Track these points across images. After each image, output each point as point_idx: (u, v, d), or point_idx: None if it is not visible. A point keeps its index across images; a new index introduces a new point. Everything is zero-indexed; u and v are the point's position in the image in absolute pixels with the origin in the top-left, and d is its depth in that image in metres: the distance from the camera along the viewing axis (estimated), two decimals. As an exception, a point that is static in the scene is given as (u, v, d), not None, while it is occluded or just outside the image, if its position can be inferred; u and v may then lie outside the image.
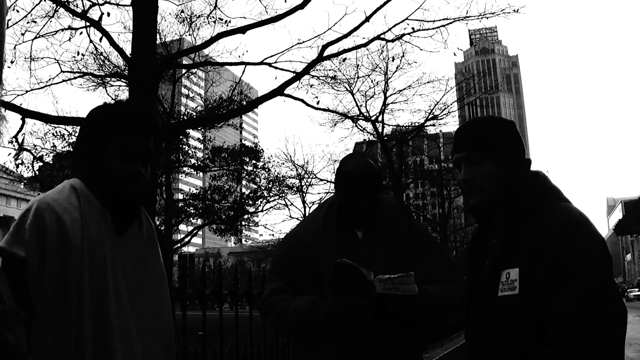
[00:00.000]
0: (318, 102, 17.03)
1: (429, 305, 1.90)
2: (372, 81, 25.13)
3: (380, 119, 24.23)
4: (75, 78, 15.13)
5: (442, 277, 2.02)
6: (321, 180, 27.59)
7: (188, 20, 18.82)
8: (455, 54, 27.70)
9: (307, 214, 2.33)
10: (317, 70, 14.23)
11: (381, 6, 12.55)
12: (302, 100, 13.77)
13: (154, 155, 1.57)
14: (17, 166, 16.36)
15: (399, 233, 2.04)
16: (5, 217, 56.39)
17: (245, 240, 55.46)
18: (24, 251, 1.32)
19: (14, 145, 14.34)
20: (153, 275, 1.56)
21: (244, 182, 28.21)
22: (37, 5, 11.83)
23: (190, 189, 28.47)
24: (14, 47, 12.96)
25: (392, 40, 14.26)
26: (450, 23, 14.07)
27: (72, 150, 18.91)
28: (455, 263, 2.15)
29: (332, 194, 2.22)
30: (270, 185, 26.74)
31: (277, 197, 27.09)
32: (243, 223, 28.91)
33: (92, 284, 1.38)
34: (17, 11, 15.80)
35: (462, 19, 14.69)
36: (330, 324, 1.88)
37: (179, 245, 26.35)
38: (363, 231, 2.03)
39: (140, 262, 1.53)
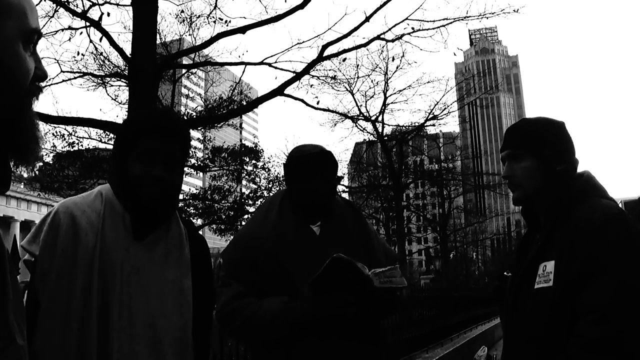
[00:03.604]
0: (318, 102, 17.08)
1: (400, 298, 1.93)
2: (372, 81, 25.26)
3: (380, 119, 24.26)
4: (75, 78, 15.12)
5: None
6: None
7: (188, 20, 18.81)
8: (455, 54, 27.80)
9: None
10: (317, 70, 14.23)
11: (381, 6, 12.57)
12: (302, 100, 13.79)
13: (181, 158, 1.58)
14: (17, 166, 16.34)
15: (353, 229, 2.02)
16: (5, 217, 56.34)
17: (245, 240, 55.27)
18: (38, 250, 1.43)
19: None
20: (171, 280, 1.53)
21: (244, 182, 28.20)
22: (37, 5, 11.79)
23: (190, 189, 28.46)
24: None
25: (392, 40, 14.30)
26: (450, 23, 14.10)
27: (72, 150, 18.93)
28: (399, 258, 2.18)
29: (278, 191, 2.14)
30: (270, 185, 26.70)
31: (277, 197, 27.05)
32: (243, 223, 28.90)
33: (99, 286, 1.41)
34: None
35: (462, 19, 14.72)
36: (308, 325, 1.81)
37: (179, 245, 26.28)
38: (320, 227, 1.99)
39: (158, 266, 1.51)
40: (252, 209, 27.18)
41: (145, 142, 1.52)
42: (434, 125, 25.13)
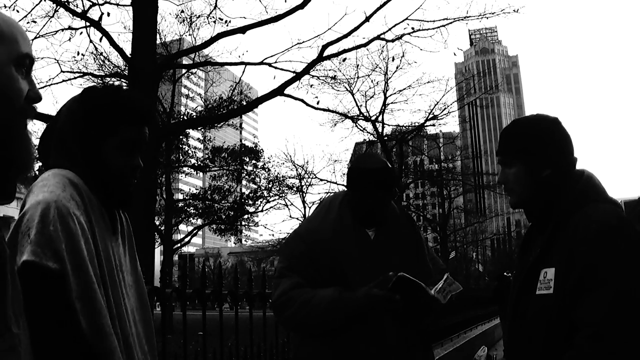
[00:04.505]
0: (318, 102, 17.07)
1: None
2: (372, 81, 25.31)
3: (380, 119, 24.27)
4: (75, 78, 15.09)
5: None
6: (321, 180, 27.60)
7: (188, 20, 18.84)
8: (455, 54, 27.83)
9: (308, 213, 2.32)
10: (317, 70, 14.24)
11: (381, 6, 12.57)
12: (302, 100, 13.79)
13: (147, 144, 1.51)
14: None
15: (405, 237, 2.11)
16: (5, 217, 56.27)
17: (245, 240, 55.46)
18: (56, 263, 1.16)
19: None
20: (139, 273, 1.52)
21: (244, 182, 28.21)
22: (37, 5, 11.81)
23: (190, 189, 28.46)
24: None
25: (392, 40, 14.30)
26: (450, 23, 14.11)
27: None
28: (445, 268, 2.25)
29: (337, 192, 2.25)
30: (270, 185, 26.73)
31: (277, 197, 27.09)
32: (243, 223, 28.90)
33: (107, 287, 1.32)
34: (17, 11, 15.83)
35: (462, 19, 14.73)
36: (360, 312, 1.88)
37: (179, 245, 26.35)
38: (374, 232, 2.07)
39: (129, 261, 1.49)
40: (252, 209, 27.23)
41: (129, 129, 1.40)
42: (434, 125, 25.16)
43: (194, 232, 25.82)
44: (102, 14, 11.18)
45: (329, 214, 2.09)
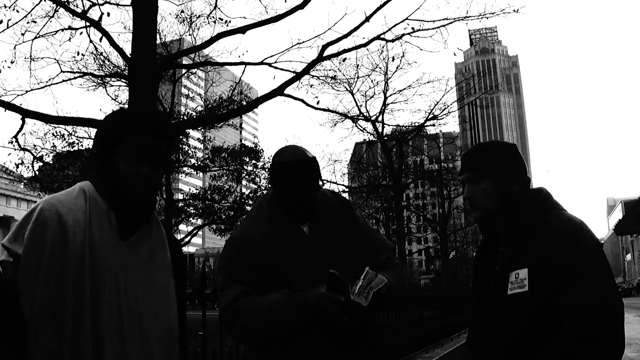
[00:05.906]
0: (318, 102, 17.13)
1: (392, 293, 1.89)
2: (372, 81, 25.38)
3: (380, 119, 24.29)
4: (75, 78, 15.16)
5: (386, 259, 2.04)
6: (321, 180, 27.58)
7: (188, 20, 18.82)
8: (455, 54, 27.88)
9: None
10: (317, 70, 14.28)
11: (381, 6, 12.59)
12: (302, 100, 13.82)
13: (166, 158, 1.57)
14: (17, 166, 16.38)
15: (342, 225, 2.04)
16: (5, 217, 56.32)
17: (245, 240, 55.26)
18: (22, 248, 1.36)
19: (14, 146, 14.35)
20: (157, 281, 1.54)
21: (244, 182, 28.20)
22: (37, 5, 11.82)
23: (190, 189, 28.45)
24: (14, 47, 12.98)
25: (392, 40, 14.34)
26: (450, 23, 14.13)
27: (72, 150, 18.94)
28: (393, 246, 2.19)
29: (267, 192, 2.19)
30: (270, 185, 26.70)
31: (277, 197, 27.03)
32: (243, 223, 28.87)
33: (90, 285, 1.38)
34: (17, 11, 15.86)
35: (462, 19, 14.75)
36: (310, 314, 1.78)
37: (179, 245, 26.28)
38: (308, 227, 2.00)
39: (144, 267, 1.51)
40: (251, 209, 27.16)
41: (135, 139, 1.49)
42: (434, 125, 25.17)
43: (194, 232, 25.83)
44: (102, 14, 11.19)
45: (259, 215, 2.03)
